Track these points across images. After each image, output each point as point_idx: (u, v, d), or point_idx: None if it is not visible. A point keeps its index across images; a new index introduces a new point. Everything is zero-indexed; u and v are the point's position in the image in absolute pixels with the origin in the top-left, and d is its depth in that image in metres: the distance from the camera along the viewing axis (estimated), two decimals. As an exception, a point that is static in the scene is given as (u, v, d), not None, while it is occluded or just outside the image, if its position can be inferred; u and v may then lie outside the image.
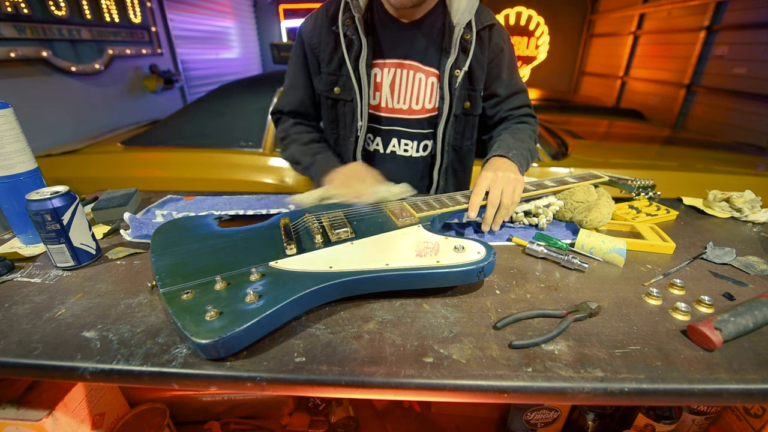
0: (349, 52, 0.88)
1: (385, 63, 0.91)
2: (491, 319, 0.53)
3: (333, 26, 0.89)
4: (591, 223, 0.79)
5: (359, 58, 0.88)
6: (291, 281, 0.52)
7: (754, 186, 1.06)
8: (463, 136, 1.00)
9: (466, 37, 0.88)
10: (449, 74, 0.90)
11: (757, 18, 3.46)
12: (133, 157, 1.97)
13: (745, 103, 3.56)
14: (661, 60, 4.76)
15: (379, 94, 0.94)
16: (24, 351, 0.47)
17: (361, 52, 0.88)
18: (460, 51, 0.89)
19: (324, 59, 0.93)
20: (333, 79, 0.93)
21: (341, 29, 0.87)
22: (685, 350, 0.48)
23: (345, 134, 0.98)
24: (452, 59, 0.89)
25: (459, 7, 0.87)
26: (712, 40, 3.96)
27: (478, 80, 0.94)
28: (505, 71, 0.96)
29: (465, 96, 0.94)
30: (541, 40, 6.61)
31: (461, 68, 0.90)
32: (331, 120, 1.00)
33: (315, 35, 0.92)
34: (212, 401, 0.87)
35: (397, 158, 1.01)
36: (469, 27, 0.88)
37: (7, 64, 2.46)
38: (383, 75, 0.92)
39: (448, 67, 0.89)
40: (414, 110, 0.95)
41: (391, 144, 0.99)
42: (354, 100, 0.92)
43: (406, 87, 0.93)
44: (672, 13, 4.55)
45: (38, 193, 0.61)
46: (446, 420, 0.91)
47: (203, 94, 2.11)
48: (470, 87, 0.94)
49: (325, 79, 0.94)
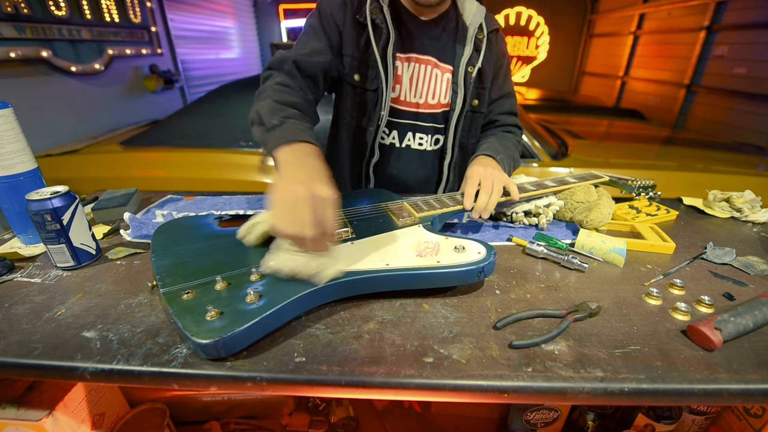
0: (377, 41, 0.88)
1: (408, 57, 0.92)
2: (491, 319, 0.53)
3: (358, 15, 0.88)
4: (591, 223, 0.79)
5: (387, 47, 0.88)
6: (291, 281, 0.52)
7: (754, 186, 1.06)
8: (469, 133, 1.02)
9: (479, 36, 0.92)
10: (464, 70, 0.93)
11: (757, 18, 3.46)
12: (133, 157, 1.97)
13: (745, 103, 3.56)
14: (661, 60, 4.76)
15: (399, 86, 0.94)
16: (24, 351, 0.47)
17: (389, 42, 0.88)
18: (474, 49, 0.92)
19: (347, 44, 0.89)
20: (355, 65, 0.91)
21: (369, 16, 0.87)
22: (685, 350, 0.48)
23: (364, 124, 0.96)
24: (467, 56, 0.92)
25: (470, 10, 0.93)
26: (712, 40, 3.97)
27: (486, 79, 0.97)
28: (501, 75, 1.00)
29: (474, 93, 0.96)
30: (541, 40, 6.61)
31: (474, 65, 0.93)
32: (347, 107, 0.96)
33: (341, 13, 0.88)
34: (212, 401, 0.87)
35: (412, 152, 1.01)
36: (480, 28, 0.92)
37: (7, 64, 2.46)
38: (403, 68, 0.93)
39: (463, 64, 0.92)
40: (430, 104, 0.96)
41: (406, 138, 1.00)
42: (379, 89, 0.91)
43: (423, 81, 0.94)
44: (672, 13, 4.56)
45: (38, 193, 0.61)
46: (446, 420, 0.91)
47: (203, 94, 2.11)
48: (480, 84, 0.96)
49: (348, 63, 0.91)
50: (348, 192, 0.83)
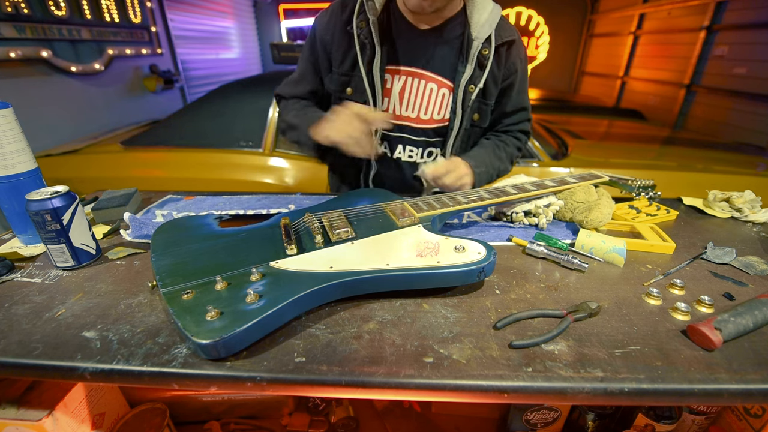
0: (363, 57, 0.86)
1: (398, 70, 0.89)
2: (491, 319, 0.53)
3: (348, 26, 0.86)
4: (591, 223, 0.79)
5: (372, 63, 0.86)
6: (291, 281, 0.52)
7: (754, 186, 1.06)
8: (467, 145, 1.01)
9: (484, 52, 0.86)
10: (464, 89, 0.88)
11: (757, 18, 3.46)
12: (133, 157, 1.97)
13: (745, 103, 3.56)
14: (661, 60, 4.76)
15: (388, 100, 0.92)
16: (24, 351, 0.47)
17: (374, 58, 0.86)
18: (477, 66, 0.86)
19: (336, 59, 0.90)
20: (345, 80, 0.91)
21: (355, 31, 0.85)
22: (685, 350, 0.48)
23: None
24: (468, 74, 0.87)
25: (480, 19, 0.84)
26: (712, 40, 3.96)
27: (491, 96, 0.93)
28: (515, 90, 0.95)
29: (476, 109, 0.93)
30: (541, 40, 6.61)
31: (476, 84, 0.88)
32: None
33: (328, 32, 0.89)
34: (212, 401, 0.87)
35: (401, 164, 1.00)
36: (488, 42, 0.85)
37: (7, 64, 2.46)
38: (394, 82, 0.90)
39: (463, 83, 0.87)
40: (422, 120, 0.94)
41: (396, 150, 0.99)
42: (367, 103, 0.90)
43: (416, 96, 0.91)
44: (672, 13, 4.56)
45: (38, 193, 0.61)
46: (446, 420, 0.91)
47: (203, 94, 2.11)
48: (482, 100, 0.93)
49: (338, 79, 0.92)
50: (348, 192, 0.83)
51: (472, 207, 0.75)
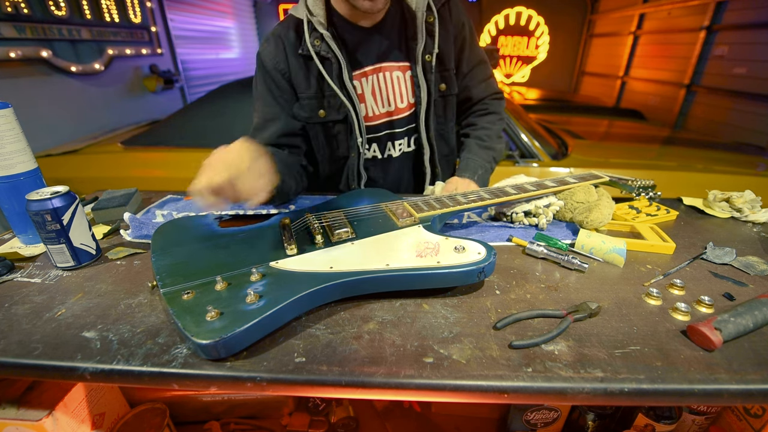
0: (329, 71, 0.85)
1: (363, 72, 0.90)
2: (491, 319, 0.53)
3: (299, 49, 0.85)
4: (591, 223, 0.79)
5: (342, 74, 0.86)
6: (291, 281, 0.52)
7: (754, 186, 1.06)
8: (445, 118, 1.00)
9: (430, 20, 0.88)
10: (422, 61, 0.89)
11: (757, 18, 3.46)
12: (133, 157, 1.97)
13: (745, 103, 3.57)
14: (661, 60, 4.76)
15: (364, 105, 0.92)
16: (24, 351, 0.47)
17: (342, 69, 0.85)
18: (427, 36, 0.88)
19: (299, 84, 0.88)
20: (314, 103, 0.89)
21: (312, 50, 0.84)
22: (685, 350, 0.48)
23: (342, 153, 0.96)
24: (421, 46, 0.88)
25: None
26: (712, 40, 3.97)
27: (448, 59, 0.93)
28: (466, 47, 0.96)
29: (439, 78, 0.94)
30: (541, 40, 6.61)
31: (431, 52, 0.89)
32: (322, 145, 0.96)
33: (281, 61, 0.87)
34: (212, 401, 0.87)
35: (393, 160, 1.01)
36: (429, 10, 0.87)
37: (7, 64, 2.46)
38: (363, 85, 0.90)
39: (419, 55, 0.89)
40: (400, 109, 0.95)
41: (387, 148, 0.99)
42: (348, 117, 0.90)
43: (386, 90, 0.92)
44: (672, 13, 4.56)
45: (38, 193, 0.61)
46: (446, 420, 0.91)
47: (203, 94, 2.11)
48: (443, 68, 0.93)
49: (307, 104, 0.90)
50: (348, 192, 0.83)
51: (472, 207, 0.75)
